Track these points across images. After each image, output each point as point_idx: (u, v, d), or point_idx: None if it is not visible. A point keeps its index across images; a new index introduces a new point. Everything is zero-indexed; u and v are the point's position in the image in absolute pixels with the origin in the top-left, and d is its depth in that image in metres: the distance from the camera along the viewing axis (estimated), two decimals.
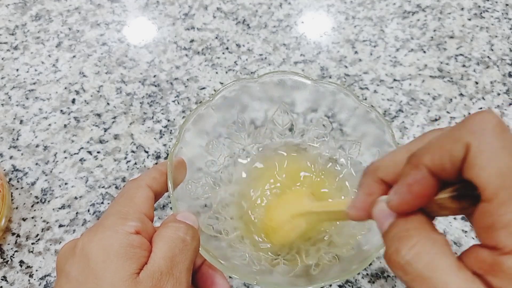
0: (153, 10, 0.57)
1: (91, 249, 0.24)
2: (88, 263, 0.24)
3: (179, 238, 0.26)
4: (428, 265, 0.18)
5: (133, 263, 0.24)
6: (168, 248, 0.25)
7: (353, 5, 0.57)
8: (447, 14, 0.55)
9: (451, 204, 0.19)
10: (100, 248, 0.24)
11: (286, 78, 0.38)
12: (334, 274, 0.31)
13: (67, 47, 0.54)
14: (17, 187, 0.44)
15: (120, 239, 0.25)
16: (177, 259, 0.25)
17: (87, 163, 0.45)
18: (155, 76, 0.51)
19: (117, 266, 0.24)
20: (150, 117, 0.48)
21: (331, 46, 0.53)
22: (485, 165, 0.17)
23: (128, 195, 0.28)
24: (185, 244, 0.26)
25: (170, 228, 0.27)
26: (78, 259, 0.24)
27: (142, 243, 0.25)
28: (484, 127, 0.18)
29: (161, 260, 0.25)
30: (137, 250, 0.25)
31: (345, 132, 0.39)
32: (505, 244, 0.17)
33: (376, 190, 0.22)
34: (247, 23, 0.56)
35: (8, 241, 0.41)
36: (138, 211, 0.27)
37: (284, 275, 0.33)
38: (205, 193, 0.37)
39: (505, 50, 0.52)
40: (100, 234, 0.25)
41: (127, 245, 0.25)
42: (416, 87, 0.49)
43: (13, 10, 0.58)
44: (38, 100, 0.50)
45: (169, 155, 0.33)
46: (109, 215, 0.27)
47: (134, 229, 0.26)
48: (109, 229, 0.25)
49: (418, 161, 0.19)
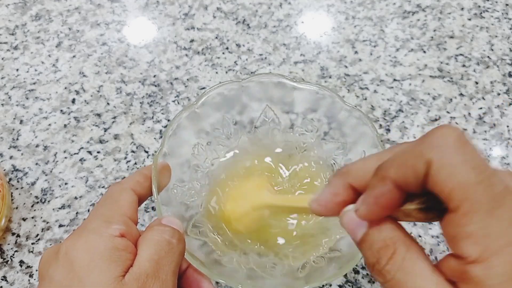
0: (153, 10, 0.57)
1: (75, 253, 0.24)
2: (73, 267, 0.24)
3: (165, 241, 0.26)
4: (405, 271, 0.19)
5: (118, 266, 0.24)
6: (154, 250, 0.25)
7: (353, 5, 0.57)
8: (447, 14, 0.55)
9: (418, 214, 0.20)
10: (85, 251, 0.24)
11: (267, 80, 0.38)
12: (321, 277, 0.31)
13: (67, 47, 0.54)
14: (17, 187, 0.44)
15: (104, 242, 0.24)
16: (163, 262, 0.25)
17: (87, 163, 0.45)
18: (155, 76, 0.51)
19: (102, 269, 0.24)
20: (150, 117, 0.48)
21: (331, 46, 0.53)
22: (446, 179, 0.18)
23: (112, 198, 0.28)
24: (171, 246, 0.26)
25: (156, 231, 0.26)
26: (62, 263, 0.24)
27: (127, 246, 0.25)
28: (444, 142, 0.18)
29: (146, 263, 0.24)
30: (122, 253, 0.24)
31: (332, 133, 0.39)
32: (469, 254, 0.18)
33: (342, 193, 0.23)
34: (247, 23, 0.56)
35: (8, 241, 0.41)
36: (122, 214, 0.27)
37: (273, 278, 0.33)
38: (190, 197, 0.37)
39: (505, 50, 0.52)
40: (84, 238, 0.25)
41: (111, 248, 0.24)
42: (416, 87, 0.49)
43: (13, 10, 0.58)
44: (38, 100, 0.50)
45: (153, 159, 0.33)
46: (93, 219, 0.26)
47: (118, 232, 0.25)
48: (93, 232, 0.25)
49: (384, 174, 0.20)
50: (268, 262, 0.35)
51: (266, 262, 0.35)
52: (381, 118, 0.47)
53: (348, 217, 0.22)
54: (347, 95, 0.49)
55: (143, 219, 0.42)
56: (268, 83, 0.38)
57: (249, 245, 0.36)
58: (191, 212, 0.37)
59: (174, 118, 0.36)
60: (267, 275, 0.33)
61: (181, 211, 0.36)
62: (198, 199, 0.38)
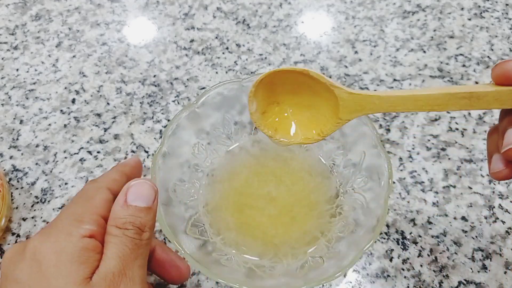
0: (153, 10, 0.57)
1: (43, 253, 0.24)
2: (40, 267, 0.23)
3: (128, 238, 0.25)
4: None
5: (86, 268, 0.24)
6: (118, 249, 0.25)
7: (353, 5, 0.57)
8: (447, 14, 0.55)
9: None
10: (53, 251, 0.24)
11: None
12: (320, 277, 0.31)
13: (67, 47, 0.54)
14: (17, 187, 0.44)
15: (73, 243, 0.24)
16: (128, 258, 0.25)
17: (87, 163, 0.45)
18: (155, 76, 0.51)
19: (70, 270, 0.23)
20: (150, 117, 0.48)
21: (331, 46, 0.53)
22: None
23: (86, 196, 0.27)
24: (134, 242, 0.25)
25: (117, 230, 0.26)
26: (29, 263, 0.24)
27: (96, 246, 0.25)
28: None
29: (111, 261, 0.24)
30: (90, 254, 0.24)
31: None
32: None
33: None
34: (247, 23, 0.56)
35: (8, 241, 0.41)
36: (95, 213, 0.26)
37: (272, 278, 0.33)
38: (190, 196, 0.37)
39: (505, 50, 0.52)
40: (53, 237, 0.24)
41: (80, 248, 0.24)
42: (416, 87, 0.49)
43: (13, 10, 0.58)
44: (38, 100, 0.50)
45: (153, 159, 0.33)
46: (64, 217, 0.26)
47: (89, 232, 0.25)
48: (62, 231, 0.25)
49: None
50: (267, 262, 0.35)
51: (265, 262, 0.35)
52: (381, 118, 0.47)
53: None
54: None
55: None
56: None
57: (250, 243, 0.36)
58: (191, 211, 0.37)
59: (174, 117, 0.36)
60: (266, 275, 0.33)
61: (181, 211, 0.36)
62: (197, 199, 0.38)
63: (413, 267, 0.38)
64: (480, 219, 0.40)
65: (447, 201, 0.42)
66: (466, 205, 0.41)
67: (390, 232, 0.40)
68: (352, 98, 0.27)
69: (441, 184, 0.43)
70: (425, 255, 0.39)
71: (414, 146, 0.45)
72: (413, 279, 0.38)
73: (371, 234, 0.31)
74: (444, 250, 0.39)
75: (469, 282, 0.37)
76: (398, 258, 0.39)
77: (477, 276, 0.38)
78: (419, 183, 0.43)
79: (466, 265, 0.38)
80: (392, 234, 0.40)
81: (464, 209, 0.41)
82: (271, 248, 0.36)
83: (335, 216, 0.37)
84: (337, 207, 0.38)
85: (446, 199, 0.42)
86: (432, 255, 0.39)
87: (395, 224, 0.41)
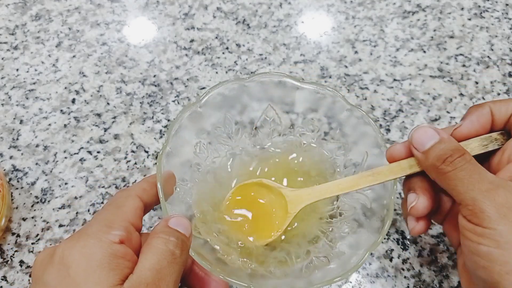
0: (153, 10, 0.57)
1: (72, 257, 0.24)
2: (68, 272, 0.23)
3: (169, 251, 0.25)
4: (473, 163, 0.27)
5: (116, 274, 0.23)
6: (157, 260, 0.25)
7: (353, 5, 0.57)
8: (447, 14, 0.55)
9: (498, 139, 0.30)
10: (82, 256, 0.24)
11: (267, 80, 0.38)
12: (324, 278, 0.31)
13: (67, 47, 0.54)
14: (17, 187, 0.44)
15: (103, 248, 0.24)
16: (164, 272, 0.24)
17: (87, 163, 0.45)
18: (155, 76, 0.51)
19: (99, 276, 0.23)
20: (150, 117, 0.48)
21: (331, 46, 0.53)
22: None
23: (116, 203, 0.28)
24: (174, 257, 0.25)
25: (160, 239, 0.26)
26: (58, 267, 0.23)
27: (126, 253, 0.25)
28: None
29: (148, 272, 0.24)
30: (120, 261, 0.24)
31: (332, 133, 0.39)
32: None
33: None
34: (247, 23, 0.56)
35: (8, 241, 0.41)
36: (124, 220, 0.26)
37: (275, 278, 0.33)
38: (192, 195, 0.37)
39: (505, 50, 0.52)
40: (82, 242, 0.24)
41: (110, 254, 0.24)
42: (416, 87, 0.49)
43: (13, 10, 0.58)
44: (38, 100, 0.50)
45: (158, 159, 0.33)
46: (94, 223, 0.26)
47: (118, 238, 0.25)
48: (92, 237, 0.25)
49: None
50: (271, 262, 0.35)
51: (268, 261, 0.35)
52: (381, 118, 0.47)
53: (421, 130, 0.28)
54: (347, 95, 0.49)
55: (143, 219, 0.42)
56: (269, 83, 0.38)
57: (252, 242, 0.36)
58: (194, 210, 0.37)
59: (176, 117, 0.36)
60: (270, 275, 0.33)
61: (182, 210, 0.36)
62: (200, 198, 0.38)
63: (413, 267, 0.38)
64: None
65: None
66: None
67: (390, 232, 0.40)
68: (294, 194, 0.34)
69: None
70: (425, 255, 0.39)
71: None
72: (413, 279, 0.38)
73: (375, 235, 0.31)
74: (444, 250, 0.39)
75: None
76: (398, 258, 0.39)
77: None
78: None
79: None
80: (392, 234, 0.40)
81: None
82: (273, 247, 0.36)
83: (336, 216, 0.37)
84: (338, 207, 0.38)
85: None
86: (432, 255, 0.39)
87: (395, 224, 0.41)
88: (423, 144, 0.28)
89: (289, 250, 0.35)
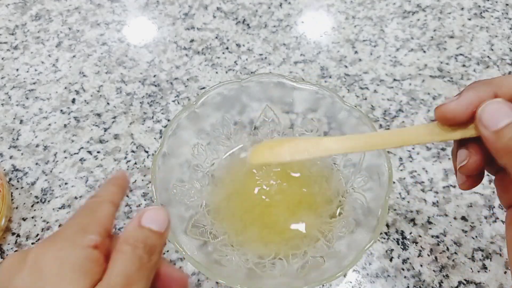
0: (153, 10, 0.57)
1: (45, 261, 0.23)
2: (41, 275, 0.23)
3: (137, 256, 0.25)
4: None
5: (87, 279, 0.23)
6: (125, 266, 0.24)
7: (353, 5, 0.57)
8: (447, 14, 0.55)
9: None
10: (56, 260, 0.23)
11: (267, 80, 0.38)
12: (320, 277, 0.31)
13: (67, 47, 0.54)
14: (17, 187, 0.44)
15: (77, 252, 0.24)
16: (134, 277, 0.24)
17: (87, 163, 0.45)
18: (155, 76, 0.51)
19: (71, 280, 0.23)
20: (150, 117, 0.48)
21: (331, 46, 0.53)
22: None
23: (90, 209, 0.27)
24: (142, 262, 0.25)
25: (128, 246, 0.25)
26: (30, 271, 0.23)
27: (98, 258, 0.24)
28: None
29: (117, 278, 0.23)
30: (93, 265, 0.24)
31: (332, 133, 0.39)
32: None
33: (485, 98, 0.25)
34: (247, 23, 0.56)
35: (8, 241, 0.41)
36: (99, 225, 0.26)
37: (271, 278, 0.33)
38: (190, 197, 0.37)
39: (505, 50, 0.52)
40: (57, 245, 0.24)
41: (84, 258, 0.23)
42: (416, 87, 0.49)
43: (13, 10, 0.58)
44: (38, 100, 0.50)
45: (153, 159, 0.33)
46: (69, 227, 0.26)
47: (93, 242, 0.24)
48: (67, 240, 0.24)
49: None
50: (268, 262, 0.35)
51: (265, 262, 0.35)
52: (381, 118, 0.47)
53: (494, 106, 0.25)
54: (347, 95, 0.49)
55: None
56: (268, 83, 0.38)
57: (251, 243, 0.36)
58: (191, 212, 0.37)
59: (174, 118, 0.36)
60: (266, 275, 0.33)
61: (181, 211, 0.36)
62: (198, 199, 0.38)
63: (413, 267, 0.38)
64: (480, 219, 0.40)
65: (447, 201, 0.42)
66: (466, 205, 0.41)
67: (390, 232, 0.40)
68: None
69: (441, 184, 0.43)
70: (425, 255, 0.39)
71: (414, 146, 0.45)
72: (413, 279, 0.38)
73: (371, 234, 0.31)
74: (444, 250, 0.39)
75: (469, 282, 0.37)
76: (398, 258, 0.39)
77: (477, 276, 0.38)
78: (419, 183, 0.43)
79: (466, 265, 0.38)
80: (392, 234, 0.40)
81: (464, 209, 0.41)
82: (271, 248, 0.36)
83: (335, 216, 0.37)
84: (337, 207, 0.38)
85: (446, 199, 0.42)
86: (432, 255, 0.39)
87: (395, 224, 0.41)
88: (496, 122, 0.24)
89: (286, 252, 0.35)
